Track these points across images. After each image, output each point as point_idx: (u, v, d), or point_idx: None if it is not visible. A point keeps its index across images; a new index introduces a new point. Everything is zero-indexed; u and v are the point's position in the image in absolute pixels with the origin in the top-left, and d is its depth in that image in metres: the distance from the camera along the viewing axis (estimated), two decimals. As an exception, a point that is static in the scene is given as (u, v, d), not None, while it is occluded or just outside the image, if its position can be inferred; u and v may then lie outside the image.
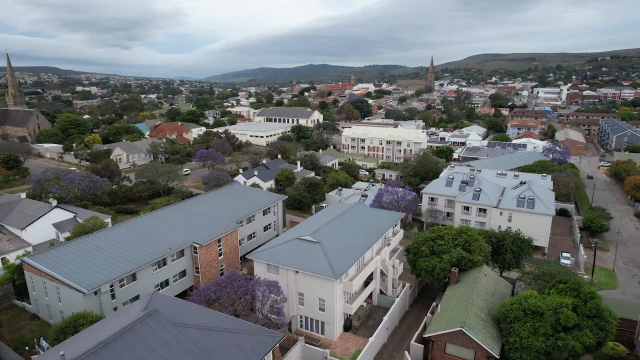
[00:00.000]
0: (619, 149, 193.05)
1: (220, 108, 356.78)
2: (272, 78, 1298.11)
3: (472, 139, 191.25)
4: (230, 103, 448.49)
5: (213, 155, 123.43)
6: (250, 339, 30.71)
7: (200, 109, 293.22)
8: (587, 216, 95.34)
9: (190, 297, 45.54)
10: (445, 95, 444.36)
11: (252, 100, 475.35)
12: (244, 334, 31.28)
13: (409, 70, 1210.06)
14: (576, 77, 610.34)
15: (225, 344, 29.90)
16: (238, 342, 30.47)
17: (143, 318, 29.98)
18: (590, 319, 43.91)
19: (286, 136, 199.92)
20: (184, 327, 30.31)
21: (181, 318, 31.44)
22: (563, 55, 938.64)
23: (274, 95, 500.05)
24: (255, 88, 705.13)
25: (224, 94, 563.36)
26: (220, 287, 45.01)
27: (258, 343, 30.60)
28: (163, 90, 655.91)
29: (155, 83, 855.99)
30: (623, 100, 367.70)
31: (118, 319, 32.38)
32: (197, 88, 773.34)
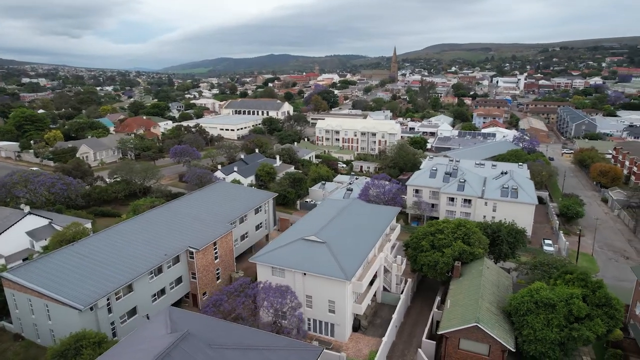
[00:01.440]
0: (578, 136, 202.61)
1: (182, 100, 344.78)
2: (232, 68, 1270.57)
3: (443, 129, 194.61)
4: (193, 95, 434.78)
5: (188, 151, 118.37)
6: (291, 356, 28.87)
7: (163, 101, 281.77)
8: (563, 203, 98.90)
9: (203, 309, 42.70)
10: (410, 86, 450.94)
11: (215, 92, 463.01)
12: (284, 350, 29.39)
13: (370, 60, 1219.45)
14: (530, 67, 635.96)
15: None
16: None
17: (177, 343, 27.30)
18: (600, 308, 45.07)
19: (257, 129, 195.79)
20: (222, 349, 27.98)
21: (215, 338, 29.01)
22: (517, 45, 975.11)
23: (238, 87, 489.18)
24: (217, 79, 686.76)
25: (184, 85, 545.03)
26: (231, 295, 42.60)
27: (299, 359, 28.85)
28: (119, 82, 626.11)
29: (110, 74, 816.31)
30: (575, 89, 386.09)
31: (139, 343, 29.36)
32: (155, 79, 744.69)
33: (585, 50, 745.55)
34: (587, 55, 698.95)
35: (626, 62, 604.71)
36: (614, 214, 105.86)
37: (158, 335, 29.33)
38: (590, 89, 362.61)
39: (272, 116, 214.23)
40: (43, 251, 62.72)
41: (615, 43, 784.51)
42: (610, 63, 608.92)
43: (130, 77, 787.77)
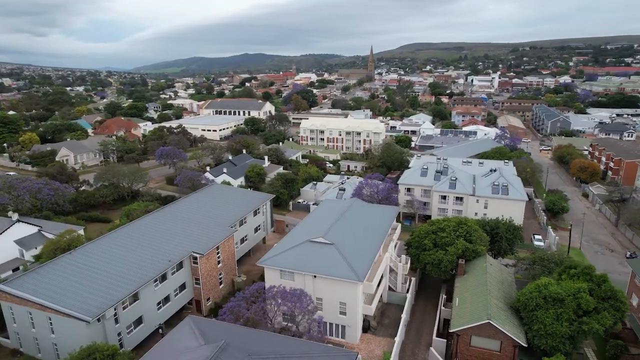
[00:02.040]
0: (554, 133, 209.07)
1: (159, 101, 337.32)
2: (206, 68, 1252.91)
3: (426, 128, 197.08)
4: (168, 95, 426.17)
5: (174, 153, 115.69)
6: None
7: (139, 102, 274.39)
8: (549, 199, 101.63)
9: (220, 316, 41.49)
10: (387, 85, 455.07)
11: (191, 92, 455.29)
12: (320, 357, 28.81)
13: (345, 60, 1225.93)
14: (502, 65, 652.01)
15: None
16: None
17: (217, 354, 26.23)
18: (606, 301, 46.40)
19: (240, 129, 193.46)
20: (261, 358, 27.10)
21: (251, 348, 28.12)
22: (488, 45, 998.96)
23: (214, 87, 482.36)
24: (192, 79, 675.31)
25: (158, 85, 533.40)
26: (248, 302, 41.64)
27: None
28: (90, 82, 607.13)
29: (80, 74, 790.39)
30: (546, 87, 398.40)
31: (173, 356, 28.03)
32: (128, 79, 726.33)
33: (553, 50, 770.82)
34: (555, 54, 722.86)
35: (591, 62, 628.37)
36: (596, 209, 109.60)
37: (191, 347, 28.25)
38: (561, 88, 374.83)
39: (254, 116, 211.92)
40: (35, 261, 59.96)
41: (581, 43, 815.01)
42: (577, 62, 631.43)
43: (101, 77, 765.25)
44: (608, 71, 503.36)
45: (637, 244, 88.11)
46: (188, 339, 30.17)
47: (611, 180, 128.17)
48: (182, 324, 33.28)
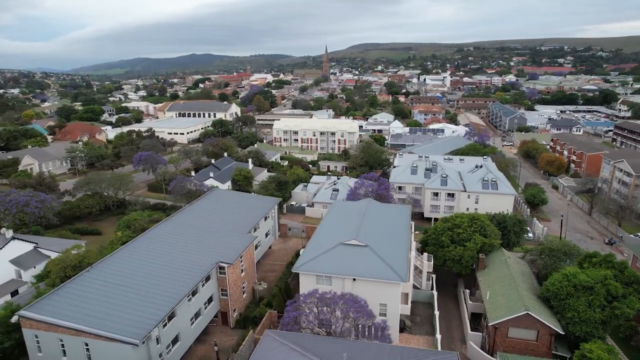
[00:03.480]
0: (512, 129, 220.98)
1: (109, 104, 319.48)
2: (152, 69, 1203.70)
3: (395, 127, 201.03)
4: (118, 98, 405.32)
5: (154, 158, 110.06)
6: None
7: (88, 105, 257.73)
8: (529, 192, 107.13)
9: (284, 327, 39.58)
10: (344, 84, 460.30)
11: (142, 94, 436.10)
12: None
13: (295, 60, 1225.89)
14: (450, 65, 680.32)
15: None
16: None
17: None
18: (630, 286, 49.54)
19: (209, 132, 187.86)
20: None
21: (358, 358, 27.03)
22: (435, 45, 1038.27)
23: (167, 88, 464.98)
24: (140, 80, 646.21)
25: (105, 87, 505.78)
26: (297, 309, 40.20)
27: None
28: (25, 84, 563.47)
29: (11, 75, 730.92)
30: (494, 86, 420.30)
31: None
32: (67, 81, 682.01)
33: (494, 50, 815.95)
34: (496, 54, 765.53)
35: (529, 62, 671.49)
36: (567, 199, 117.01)
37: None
38: (508, 86, 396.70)
39: (222, 118, 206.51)
40: (36, 282, 54.60)
41: (518, 44, 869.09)
42: (517, 62, 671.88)
43: (37, 78, 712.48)
44: (546, 71, 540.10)
45: (613, 230, 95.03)
46: (290, 354, 28.54)
47: (574, 173, 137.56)
48: (267, 339, 31.40)
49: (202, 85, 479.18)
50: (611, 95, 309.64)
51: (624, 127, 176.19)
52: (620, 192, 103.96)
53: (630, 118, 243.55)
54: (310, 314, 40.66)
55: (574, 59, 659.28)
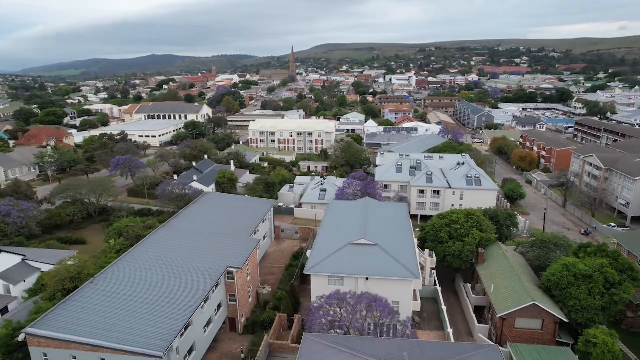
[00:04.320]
0: (480, 127, 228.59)
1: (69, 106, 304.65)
2: (109, 70, 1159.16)
3: (370, 126, 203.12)
4: (77, 100, 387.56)
5: (133, 162, 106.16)
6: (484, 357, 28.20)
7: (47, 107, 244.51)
8: (508, 187, 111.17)
9: (315, 330, 38.84)
10: (312, 85, 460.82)
11: (103, 96, 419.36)
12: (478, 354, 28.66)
13: (259, 60, 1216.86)
14: (413, 65, 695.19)
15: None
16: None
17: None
18: (625, 273, 52.36)
19: (182, 134, 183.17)
20: None
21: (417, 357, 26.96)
22: (397, 45, 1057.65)
23: (129, 90, 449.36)
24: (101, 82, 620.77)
25: (62, 89, 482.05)
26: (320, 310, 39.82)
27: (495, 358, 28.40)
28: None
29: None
30: (458, 85, 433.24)
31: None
32: (17, 83, 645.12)
33: (455, 50, 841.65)
34: (457, 55, 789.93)
35: (489, 62, 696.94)
36: (542, 193, 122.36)
37: None
38: (471, 85, 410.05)
39: (194, 120, 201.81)
40: (29, 297, 51.30)
41: (478, 45, 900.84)
42: (477, 62, 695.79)
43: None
44: (505, 70, 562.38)
45: (587, 221, 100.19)
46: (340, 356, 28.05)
47: (545, 168, 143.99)
48: (308, 342, 30.76)
49: (166, 87, 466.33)
50: (567, 94, 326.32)
51: (584, 124, 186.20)
52: (590, 185, 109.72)
53: (585, 115, 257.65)
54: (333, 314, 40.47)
55: (529, 59, 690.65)
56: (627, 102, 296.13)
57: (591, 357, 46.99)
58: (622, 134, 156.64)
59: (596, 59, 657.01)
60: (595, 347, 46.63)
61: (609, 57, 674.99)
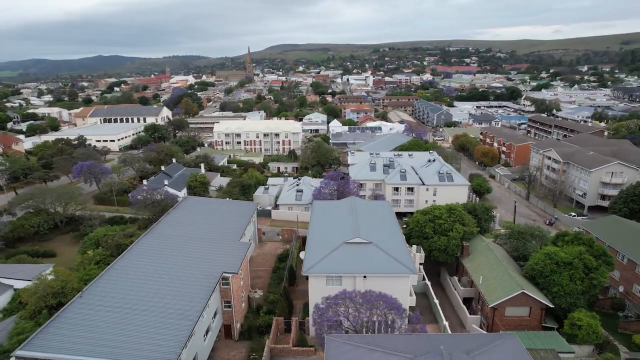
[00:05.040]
0: (440, 125, 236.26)
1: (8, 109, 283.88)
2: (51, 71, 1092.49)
3: (335, 126, 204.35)
4: (17, 103, 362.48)
5: (97, 168, 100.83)
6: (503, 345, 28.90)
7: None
8: (476, 182, 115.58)
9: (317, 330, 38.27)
10: (271, 85, 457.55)
11: (48, 99, 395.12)
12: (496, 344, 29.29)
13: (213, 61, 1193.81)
14: (368, 65, 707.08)
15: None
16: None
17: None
18: (600, 258, 55.93)
19: (142, 138, 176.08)
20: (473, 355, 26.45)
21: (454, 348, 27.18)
22: (351, 45, 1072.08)
23: (77, 92, 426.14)
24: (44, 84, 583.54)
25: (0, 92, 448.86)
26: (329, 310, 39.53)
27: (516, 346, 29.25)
28: None
29: None
30: (414, 85, 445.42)
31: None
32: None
33: (408, 50, 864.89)
34: (410, 55, 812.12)
35: (440, 62, 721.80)
36: (505, 187, 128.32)
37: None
38: (426, 84, 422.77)
39: (154, 123, 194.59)
40: (4, 316, 47.28)
41: (429, 45, 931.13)
42: (430, 62, 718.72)
43: None
44: (457, 70, 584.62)
45: (550, 212, 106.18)
46: (372, 355, 27.81)
47: (505, 163, 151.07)
48: (333, 344, 30.18)
49: (117, 89, 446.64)
50: (516, 92, 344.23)
51: (536, 120, 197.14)
52: (550, 178, 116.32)
53: (534, 112, 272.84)
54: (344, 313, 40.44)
55: (478, 59, 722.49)
56: (568, 99, 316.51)
57: (577, 339, 50.00)
58: (571, 129, 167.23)
59: (537, 59, 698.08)
60: (580, 329, 49.66)
61: (548, 57, 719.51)
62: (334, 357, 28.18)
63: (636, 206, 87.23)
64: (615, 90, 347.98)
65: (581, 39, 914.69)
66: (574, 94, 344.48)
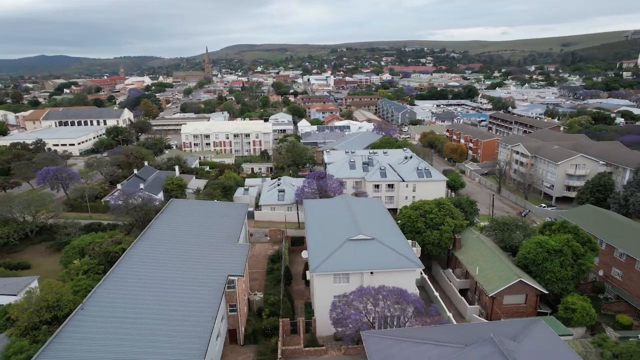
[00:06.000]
0: (404, 123, 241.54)
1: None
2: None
3: (303, 125, 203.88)
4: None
5: (66, 173, 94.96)
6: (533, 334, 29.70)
7: None
8: (450, 177, 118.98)
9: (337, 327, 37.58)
10: (231, 86, 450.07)
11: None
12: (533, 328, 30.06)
13: (167, 62, 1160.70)
14: (327, 65, 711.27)
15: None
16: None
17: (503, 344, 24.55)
18: (585, 245, 59.07)
19: (105, 141, 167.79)
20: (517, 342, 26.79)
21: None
22: (309, 46, 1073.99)
23: (22, 94, 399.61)
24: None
25: None
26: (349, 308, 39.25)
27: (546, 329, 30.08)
28: None
29: None
30: (374, 84, 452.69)
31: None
32: None
33: (366, 51, 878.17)
34: (368, 55, 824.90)
35: (397, 62, 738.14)
36: (476, 182, 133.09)
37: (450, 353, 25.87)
38: (386, 84, 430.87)
39: (115, 125, 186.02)
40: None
41: (386, 46, 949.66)
42: (387, 62, 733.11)
43: None
44: (414, 69, 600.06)
45: (521, 204, 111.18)
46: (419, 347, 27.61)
47: (473, 158, 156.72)
48: (373, 341, 29.73)
49: (67, 91, 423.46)
50: (473, 91, 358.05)
51: (497, 117, 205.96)
52: (519, 172, 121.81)
53: (491, 109, 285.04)
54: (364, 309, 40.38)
55: (433, 59, 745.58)
56: (521, 97, 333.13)
57: (572, 322, 52.54)
58: (530, 125, 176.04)
59: (488, 59, 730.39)
60: (575, 312, 52.23)
61: (498, 57, 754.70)
62: (377, 353, 27.96)
63: (601, 195, 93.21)
64: (562, 89, 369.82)
65: (526, 41, 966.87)
66: (526, 92, 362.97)
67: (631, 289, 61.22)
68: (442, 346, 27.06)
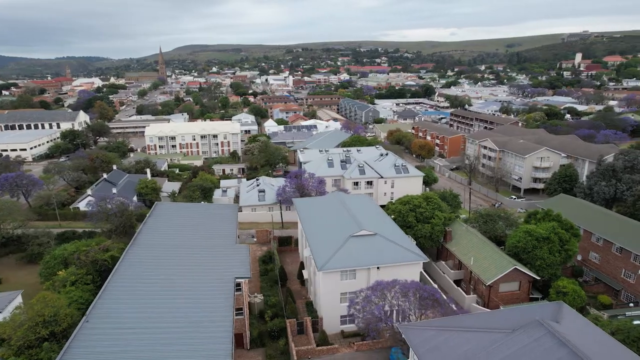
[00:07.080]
0: (368, 121, 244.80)
1: None
2: None
3: (270, 125, 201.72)
4: None
5: (29, 179, 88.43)
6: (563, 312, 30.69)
7: None
8: (424, 172, 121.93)
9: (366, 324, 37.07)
10: (188, 87, 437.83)
11: None
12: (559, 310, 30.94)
13: (116, 63, 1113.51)
14: (284, 66, 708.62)
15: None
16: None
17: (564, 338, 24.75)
18: (568, 231, 62.28)
19: (61, 145, 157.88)
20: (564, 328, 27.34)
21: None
22: (265, 46, 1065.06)
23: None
24: None
25: None
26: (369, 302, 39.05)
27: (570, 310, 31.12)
28: None
29: None
30: (333, 84, 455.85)
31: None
32: None
33: (321, 51, 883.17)
34: (324, 55, 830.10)
35: (353, 62, 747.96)
36: (446, 177, 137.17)
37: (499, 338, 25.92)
38: (345, 84, 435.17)
39: (71, 128, 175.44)
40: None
41: (341, 46, 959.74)
42: (343, 62, 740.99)
43: None
44: (371, 69, 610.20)
45: (492, 196, 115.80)
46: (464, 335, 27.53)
47: (440, 154, 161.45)
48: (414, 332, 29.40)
49: (7, 92, 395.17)
50: (430, 90, 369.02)
51: (458, 114, 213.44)
52: (487, 166, 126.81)
53: (449, 107, 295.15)
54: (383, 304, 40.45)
55: (388, 59, 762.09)
56: (475, 95, 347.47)
57: (564, 305, 55.16)
58: (490, 121, 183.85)
59: (441, 59, 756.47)
60: (566, 295, 54.91)
61: (449, 57, 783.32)
62: (421, 344, 27.92)
63: (568, 185, 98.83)
64: (512, 87, 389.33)
65: (474, 42, 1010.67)
66: (479, 90, 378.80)
67: (608, 270, 65.31)
68: (489, 332, 27.49)
